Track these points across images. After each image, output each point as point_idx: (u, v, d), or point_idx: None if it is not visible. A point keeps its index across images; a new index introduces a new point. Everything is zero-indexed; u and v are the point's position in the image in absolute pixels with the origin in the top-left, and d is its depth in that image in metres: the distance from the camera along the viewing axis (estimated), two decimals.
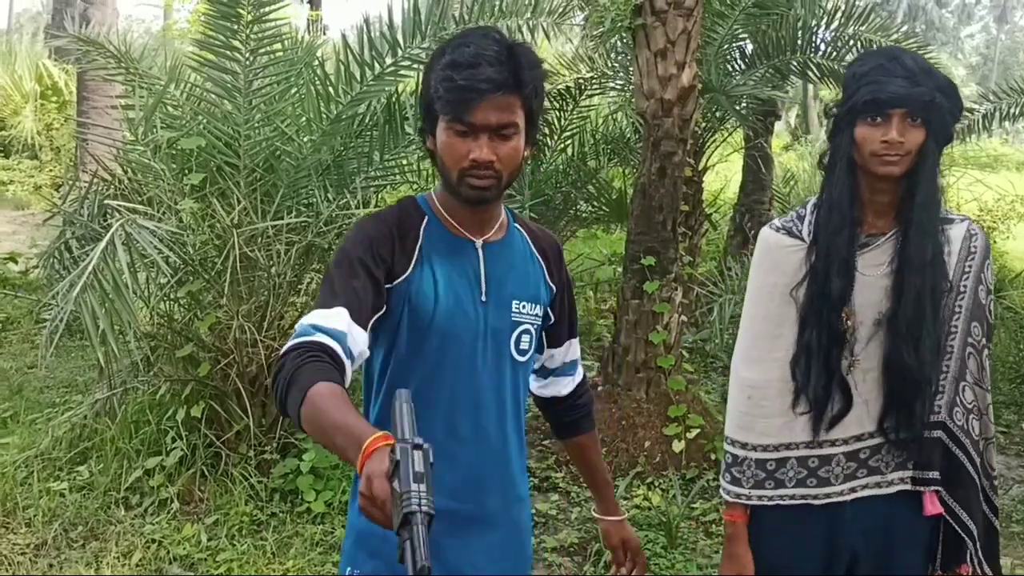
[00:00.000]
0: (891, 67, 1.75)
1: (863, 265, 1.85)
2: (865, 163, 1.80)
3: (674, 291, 4.99)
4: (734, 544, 1.98)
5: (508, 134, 1.62)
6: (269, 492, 4.03)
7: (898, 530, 1.92)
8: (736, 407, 1.98)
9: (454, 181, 1.65)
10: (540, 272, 1.83)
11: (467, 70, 1.57)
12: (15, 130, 14.60)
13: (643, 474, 4.58)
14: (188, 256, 4.13)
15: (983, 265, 1.91)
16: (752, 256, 2.01)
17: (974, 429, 1.90)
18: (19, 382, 5.63)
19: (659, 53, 4.76)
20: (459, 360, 1.71)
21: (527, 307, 1.78)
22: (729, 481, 1.96)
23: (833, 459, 1.90)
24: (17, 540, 3.71)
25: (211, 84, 4.44)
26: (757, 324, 1.96)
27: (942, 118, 1.78)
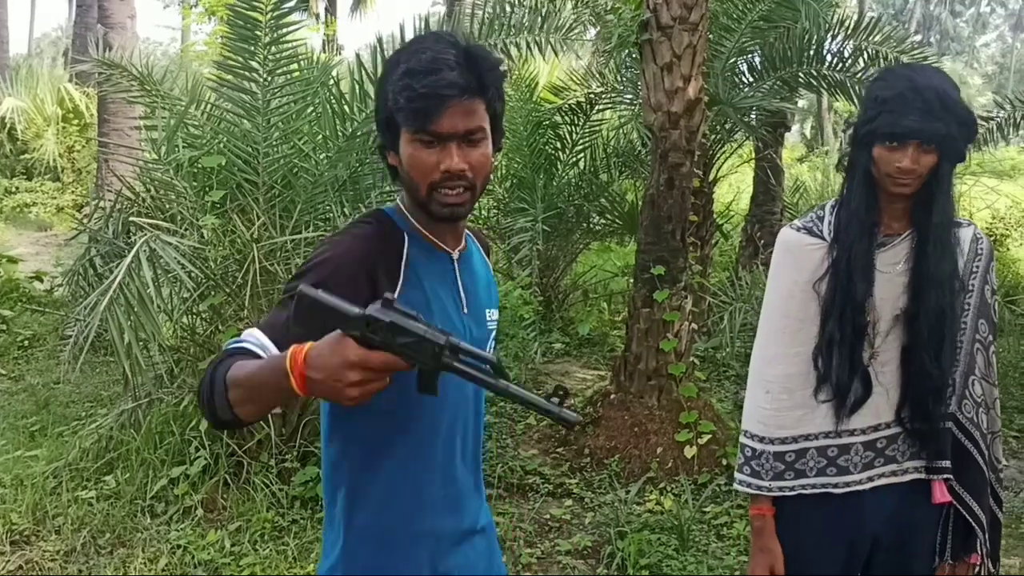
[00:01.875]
0: (911, 98, 1.82)
1: (881, 263, 1.95)
2: (880, 180, 1.90)
3: (684, 300, 5.07)
4: (763, 537, 2.05)
5: (476, 140, 1.54)
6: (290, 499, 4.13)
7: (910, 517, 2.00)
8: (755, 402, 2.06)
9: (423, 197, 1.56)
10: (491, 275, 1.82)
11: (427, 77, 1.48)
12: (37, 153, 14.89)
13: (655, 479, 4.66)
14: (210, 271, 4.26)
15: (988, 267, 2.01)
16: (768, 262, 2.11)
17: (983, 422, 2.00)
18: (46, 397, 5.77)
19: (665, 67, 4.87)
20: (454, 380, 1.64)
21: (493, 314, 1.77)
22: (749, 474, 2.04)
23: (852, 448, 1.99)
24: (47, 547, 3.83)
25: (230, 104, 4.58)
26: (778, 321, 2.04)
27: (956, 146, 1.87)
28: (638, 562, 3.81)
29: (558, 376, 6.62)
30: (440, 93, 1.48)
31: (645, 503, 4.43)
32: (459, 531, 1.73)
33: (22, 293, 7.73)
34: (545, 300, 7.56)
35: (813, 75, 7.09)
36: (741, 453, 2.07)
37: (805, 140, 28.34)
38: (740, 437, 2.09)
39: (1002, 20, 59.12)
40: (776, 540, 2.04)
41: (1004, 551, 4.12)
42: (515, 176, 7.51)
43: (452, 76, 1.48)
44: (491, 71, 1.55)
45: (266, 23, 4.30)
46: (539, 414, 1.29)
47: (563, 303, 8.11)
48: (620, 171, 7.68)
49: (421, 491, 1.66)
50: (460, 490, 1.72)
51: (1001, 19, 59.04)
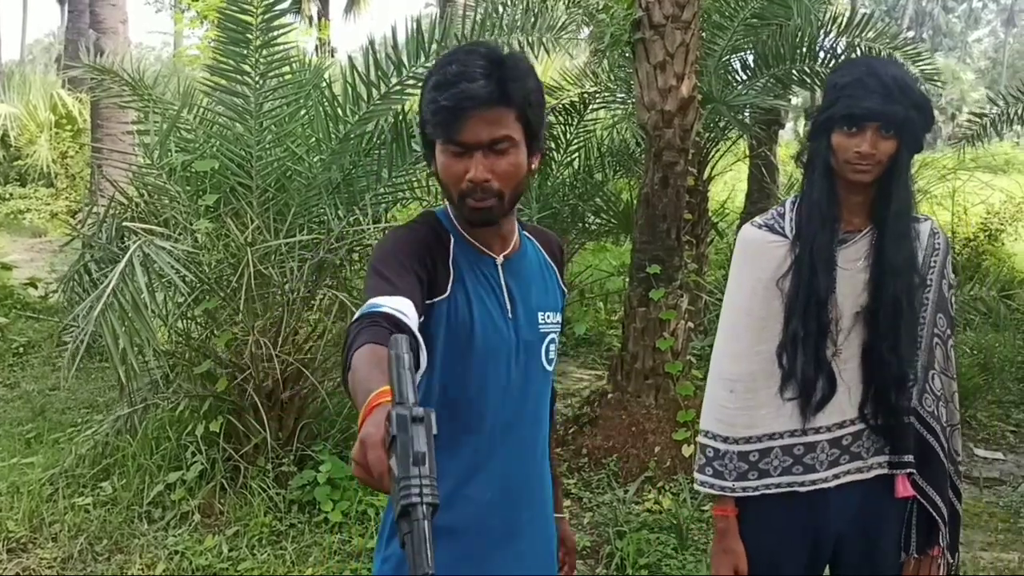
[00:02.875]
0: (869, 82, 1.84)
1: (842, 260, 1.94)
2: (839, 169, 1.90)
3: (680, 298, 5.07)
4: (726, 539, 2.03)
5: (503, 149, 1.58)
6: (287, 503, 4.12)
7: (874, 513, 2.00)
8: (717, 401, 2.04)
9: (456, 203, 1.63)
10: (555, 279, 1.84)
11: (450, 89, 1.54)
12: (31, 159, 14.88)
13: (653, 478, 4.66)
14: (204, 275, 4.25)
15: (945, 261, 2.02)
16: (734, 255, 2.09)
17: (942, 415, 2.00)
18: (41, 404, 5.76)
19: (658, 66, 4.87)
20: (498, 379, 1.69)
21: (551, 316, 1.77)
22: (712, 475, 2.01)
23: (818, 446, 1.98)
24: (44, 555, 3.81)
25: (223, 107, 4.57)
26: (740, 319, 2.03)
27: (914, 131, 1.87)
28: (637, 561, 3.81)
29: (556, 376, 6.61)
30: (460, 105, 1.53)
31: (643, 502, 4.43)
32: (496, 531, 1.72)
33: (16, 300, 7.71)
34: None
35: (806, 72, 7.09)
36: (702, 454, 2.05)
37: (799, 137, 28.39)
38: (699, 438, 2.07)
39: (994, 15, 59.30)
40: (739, 541, 2.03)
41: (1003, 546, 4.13)
42: None
43: (473, 88, 1.53)
44: (518, 80, 1.58)
45: (257, 26, 4.28)
46: None
47: None
48: (614, 170, 7.67)
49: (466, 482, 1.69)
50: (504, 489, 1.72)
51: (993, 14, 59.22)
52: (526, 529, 1.77)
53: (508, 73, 1.56)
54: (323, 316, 4.52)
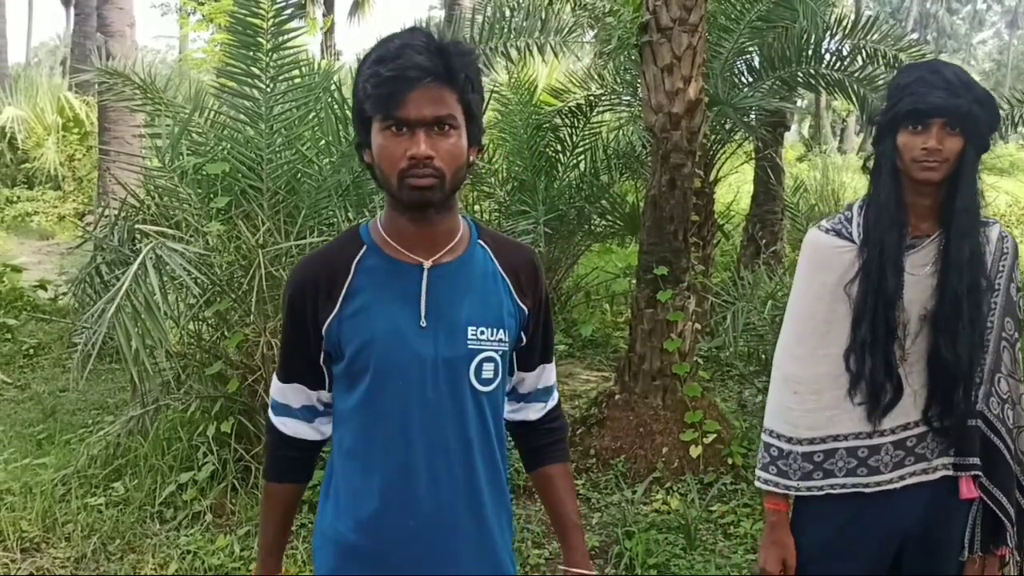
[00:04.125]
0: (932, 79, 1.86)
1: (910, 265, 1.96)
2: (907, 169, 1.91)
3: (687, 300, 5.09)
4: (777, 531, 2.07)
5: (446, 129, 1.51)
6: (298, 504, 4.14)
7: (939, 514, 2.02)
8: (782, 402, 2.07)
9: (395, 186, 1.53)
10: (505, 292, 1.68)
11: (393, 61, 1.48)
12: (38, 162, 14.94)
13: (661, 479, 4.68)
14: (215, 277, 4.28)
15: (1014, 264, 2.03)
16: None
17: (1008, 418, 2.01)
18: (52, 405, 5.79)
19: (666, 68, 4.89)
20: (407, 395, 1.59)
21: (487, 333, 1.63)
22: (776, 474, 2.05)
23: (882, 448, 2.00)
24: (57, 554, 3.84)
25: (233, 111, 4.60)
26: (805, 322, 2.06)
27: (979, 128, 1.89)
28: (646, 561, 3.82)
29: (562, 378, 6.64)
30: (406, 75, 1.47)
31: (651, 503, 4.45)
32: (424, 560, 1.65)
33: (26, 302, 7.75)
34: None
35: (812, 74, 7.12)
36: (766, 452, 2.08)
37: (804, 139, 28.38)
38: (763, 436, 2.10)
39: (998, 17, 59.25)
40: (790, 534, 2.06)
41: None
42: (516, 179, 7.53)
43: (419, 59, 1.47)
44: (461, 57, 1.53)
45: (268, 29, 4.32)
46: None
47: (565, 305, 8.13)
48: (620, 173, 7.70)
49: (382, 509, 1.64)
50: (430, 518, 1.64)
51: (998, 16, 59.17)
52: (459, 559, 1.66)
53: (452, 50, 1.52)
54: None
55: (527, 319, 1.71)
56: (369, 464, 1.63)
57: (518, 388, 1.82)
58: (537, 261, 1.76)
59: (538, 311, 1.74)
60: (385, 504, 1.63)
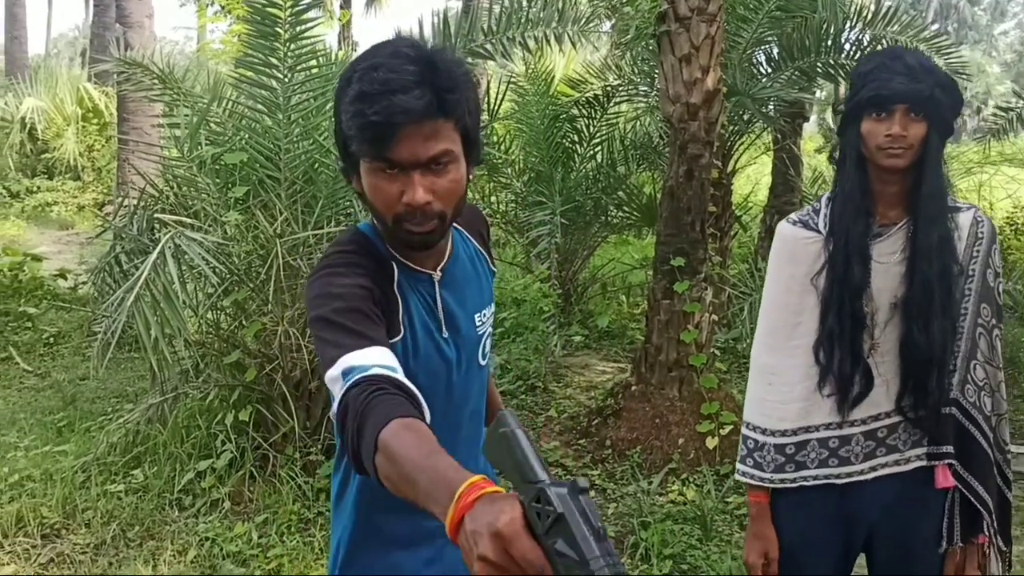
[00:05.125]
0: (893, 65, 1.87)
1: (878, 254, 1.95)
2: (872, 156, 1.91)
3: (704, 291, 5.08)
4: (759, 524, 2.08)
5: (443, 166, 1.39)
6: (315, 492, 4.17)
7: (913, 504, 2.01)
8: (757, 394, 2.08)
9: (390, 227, 1.43)
10: (484, 264, 1.70)
11: (378, 102, 1.32)
12: (58, 152, 15.05)
13: (677, 470, 4.67)
14: (234, 266, 4.30)
15: (990, 250, 2.00)
16: (771, 252, 2.12)
17: (986, 405, 1.99)
18: (72, 393, 5.84)
19: (684, 58, 4.87)
20: (439, 394, 1.57)
21: (485, 313, 1.67)
22: (752, 466, 2.06)
23: (853, 439, 2.00)
24: (77, 540, 3.88)
25: (251, 101, 4.62)
26: (777, 314, 2.06)
27: (942, 112, 1.88)
28: (661, 552, 3.83)
29: (578, 369, 6.64)
30: (393, 121, 1.33)
31: (667, 494, 4.45)
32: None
33: (47, 291, 7.82)
34: (564, 293, 7.57)
35: (831, 65, 7.05)
36: (744, 444, 2.09)
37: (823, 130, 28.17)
38: (743, 429, 2.11)
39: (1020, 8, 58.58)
40: (771, 527, 2.07)
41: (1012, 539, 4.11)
42: (533, 170, 7.53)
43: (406, 101, 1.32)
44: (455, 89, 1.38)
45: (286, 19, 4.33)
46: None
47: (582, 296, 8.12)
48: (637, 163, 7.68)
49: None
50: None
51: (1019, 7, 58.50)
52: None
53: (443, 81, 1.36)
54: None
55: (493, 279, 1.74)
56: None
57: None
58: (484, 218, 1.76)
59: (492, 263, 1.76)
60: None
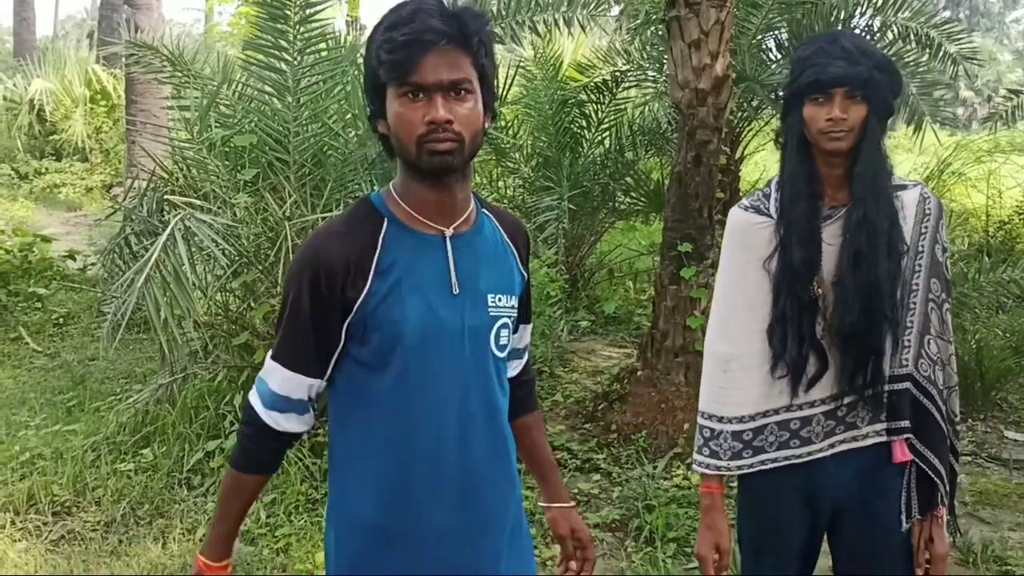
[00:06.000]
0: (831, 49, 1.89)
1: (828, 236, 1.96)
2: (815, 140, 1.93)
3: (711, 277, 5.08)
4: (710, 515, 2.08)
5: (463, 94, 1.49)
6: (323, 472, 4.21)
7: (873, 479, 2.02)
8: (712, 382, 2.07)
9: (414, 154, 1.50)
10: (513, 261, 1.72)
11: (407, 25, 1.46)
12: (66, 134, 15.07)
13: (682, 455, 4.69)
14: (243, 248, 4.33)
15: (937, 225, 2.02)
16: (723, 239, 2.12)
17: (938, 379, 2.01)
18: (81, 373, 5.88)
19: (693, 44, 4.86)
20: (440, 367, 1.59)
21: (503, 300, 1.66)
22: (708, 455, 2.05)
23: (813, 419, 2.01)
24: (88, 518, 3.93)
25: (261, 83, 4.63)
26: (731, 300, 2.06)
27: (881, 93, 1.90)
28: (665, 535, 3.85)
29: (584, 353, 6.67)
30: (421, 39, 1.45)
31: (672, 478, 4.47)
32: (461, 528, 1.63)
33: (56, 272, 7.86)
34: (571, 278, 7.59)
35: None
36: (699, 434, 2.08)
37: None
38: (699, 419, 2.10)
39: None
40: (724, 517, 2.07)
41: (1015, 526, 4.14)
42: (540, 155, 7.53)
43: (433, 22, 1.46)
44: (475, 20, 1.52)
45: (295, 1, 4.33)
46: None
47: (588, 281, 8.13)
48: (645, 149, 7.67)
49: (408, 483, 1.60)
50: (462, 485, 1.63)
51: None
52: (497, 522, 1.69)
53: (465, 14, 1.51)
54: None
55: (525, 285, 1.77)
56: (401, 439, 1.60)
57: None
58: (527, 232, 1.81)
59: (529, 277, 1.80)
60: (414, 477, 1.60)
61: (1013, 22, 58.85)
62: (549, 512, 1.91)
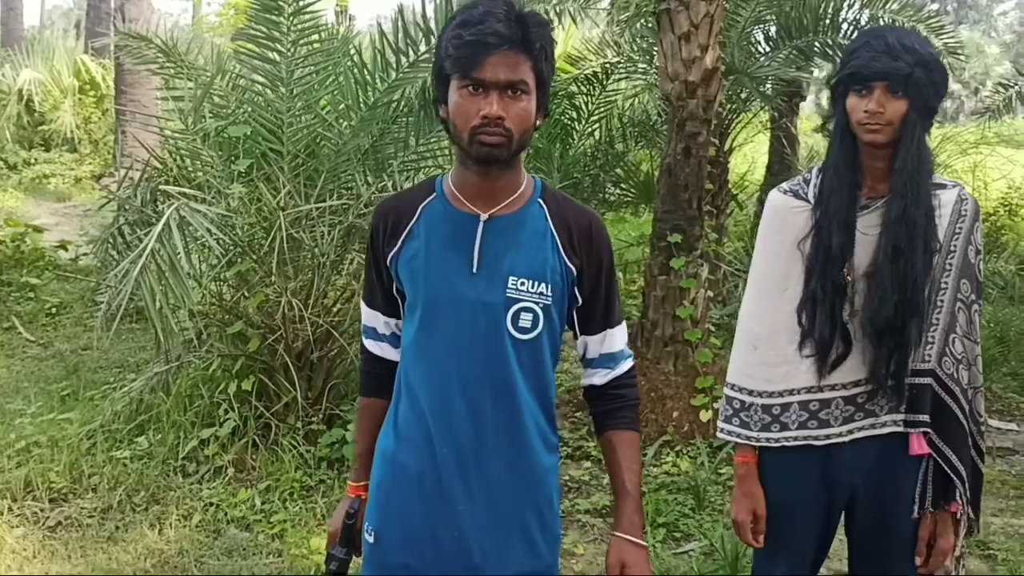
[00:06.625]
0: (876, 43, 1.94)
1: (863, 225, 2.03)
2: (854, 131, 1.99)
3: (700, 267, 5.15)
4: (746, 483, 2.16)
5: (518, 94, 1.63)
6: (317, 460, 4.26)
7: (889, 469, 2.09)
8: (743, 357, 2.16)
9: (466, 141, 1.65)
10: (552, 250, 1.75)
11: (476, 26, 1.60)
12: (55, 124, 15.02)
13: (672, 443, 4.76)
14: (237, 238, 4.36)
15: (972, 228, 2.07)
16: (761, 220, 2.19)
17: (963, 378, 2.06)
18: (74, 363, 5.90)
19: (683, 36, 4.91)
20: (448, 333, 1.73)
21: (527, 284, 1.73)
22: (738, 425, 2.15)
23: (832, 402, 2.08)
24: (84, 505, 3.96)
25: (255, 74, 4.66)
26: (765, 280, 2.15)
27: (922, 91, 1.94)
28: (656, 520, 3.92)
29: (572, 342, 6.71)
30: (485, 41, 1.59)
31: (662, 465, 4.54)
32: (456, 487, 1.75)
33: (48, 262, 7.86)
34: None
35: (829, 44, 7.09)
36: (728, 405, 2.17)
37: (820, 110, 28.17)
38: (726, 390, 2.19)
39: None
40: (759, 485, 2.15)
41: (1013, 512, 4.22)
42: (531, 146, 7.54)
43: (498, 27, 1.60)
44: (538, 28, 1.65)
45: None
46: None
47: None
48: (635, 141, 7.72)
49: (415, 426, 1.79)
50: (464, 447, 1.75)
51: None
52: (500, 489, 1.75)
53: (530, 20, 1.64)
54: (352, 281, 4.62)
55: (577, 278, 1.78)
56: (418, 392, 1.77)
57: (585, 354, 1.90)
58: (597, 226, 1.81)
59: (596, 274, 1.80)
60: (427, 431, 1.76)
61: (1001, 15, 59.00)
62: (613, 539, 1.84)
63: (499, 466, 1.76)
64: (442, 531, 1.76)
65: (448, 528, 1.76)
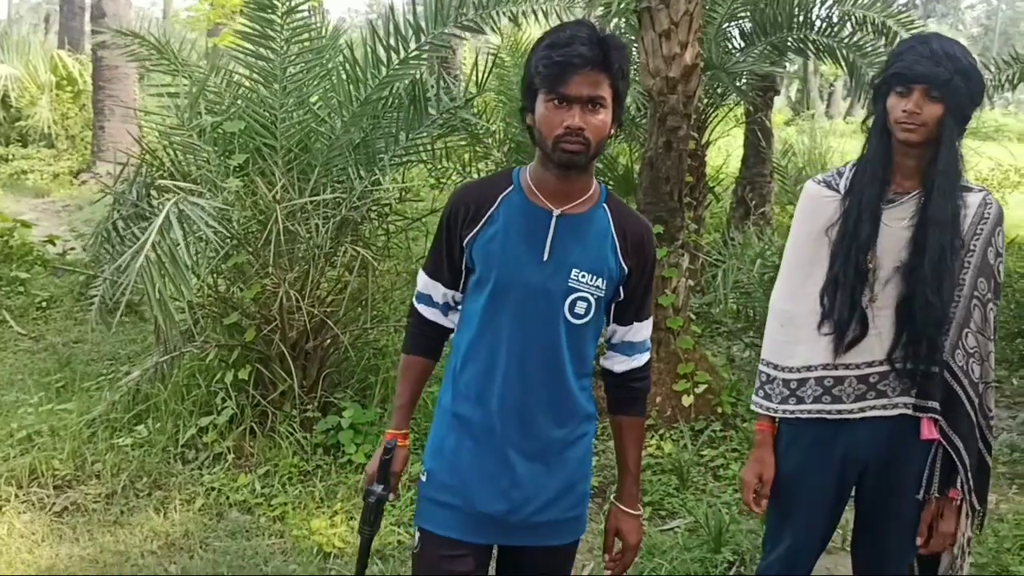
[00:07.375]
0: (920, 48, 2.11)
1: (888, 218, 2.19)
2: (891, 129, 2.15)
3: (681, 257, 5.32)
4: (760, 449, 2.35)
5: (597, 107, 1.87)
6: (313, 446, 4.39)
7: (898, 449, 2.24)
8: (771, 334, 2.35)
9: (549, 148, 1.90)
10: (611, 251, 2.00)
11: (563, 48, 1.84)
12: (32, 120, 14.96)
13: (656, 426, 4.94)
14: (234, 231, 4.47)
15: (994, 230, 2.22)
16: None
17: (974, 372, 2.20)
18: (67, 355, 5.98)
19: (663, 34, 5.08)
20: (509, 311, 1.97)
21: (587, 277, 1.97)
22: (763, 397, 2.34)
23: (846, 380, 2.24)
24: (89, 491, 4.07)
25: (248, 71, 4.76)
26: (794, 264, 2.33)
27: (958, 97, 2.10)
28: (641, 499, 4.08)
29: None
30: (571, 61, 1.83)
31: (647, 447, 4.71)
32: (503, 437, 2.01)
33: (36, 256, 7.91)
34: None
35: (802, 40, 7.29)
36: (758, 379, 2.36)
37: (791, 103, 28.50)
38: (760, 365, 2.37)
39: None
40: (771, 453, 2.33)
41: None
42: (513, 140, 7.69)
43: (583, 50, 1.84)
44: (617, 51, 1.88)
45: None
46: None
47: None
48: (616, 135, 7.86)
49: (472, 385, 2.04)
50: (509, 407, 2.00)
51: None
52: (517, 449, 2.01)
53: (610, 44, 1.87)
54: (345, 272, 4.75)
55: (626, 277, 2.04)
56: (479, 356, 2.02)
57: (611, 339, 2.13)
58: (649, 235, 2.08)
59: (640, 275, 2.06)
60: (483, 389, 2.01)
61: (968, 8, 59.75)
62: (613, 507, 2.19)
63: (546, 422, 2.01)
64: (494, 472, 2.01)
65: (500, 469, 2.01)
